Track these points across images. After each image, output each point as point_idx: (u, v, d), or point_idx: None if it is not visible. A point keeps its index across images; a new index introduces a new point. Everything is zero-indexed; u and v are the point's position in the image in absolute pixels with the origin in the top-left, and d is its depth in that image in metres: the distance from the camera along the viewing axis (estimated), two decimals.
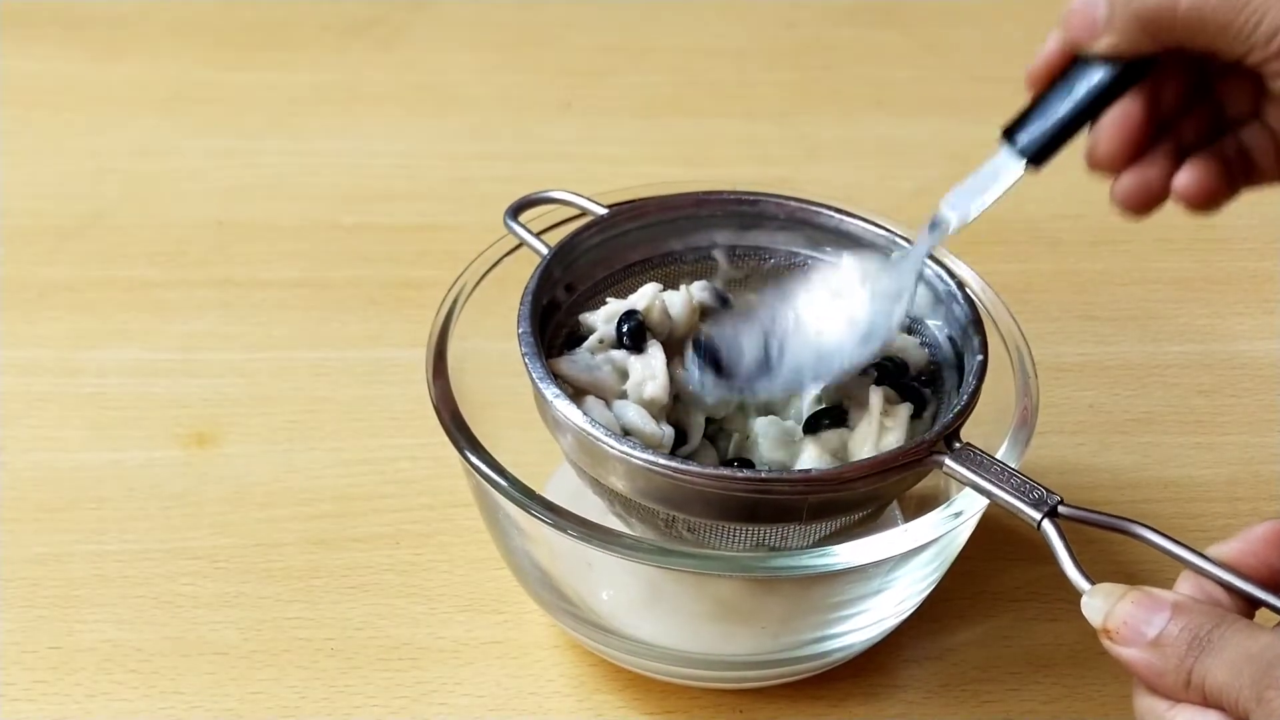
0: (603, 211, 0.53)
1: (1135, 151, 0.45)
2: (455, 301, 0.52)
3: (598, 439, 0.45)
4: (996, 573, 0.56)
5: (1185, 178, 0.45)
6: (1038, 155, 0.45)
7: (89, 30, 0.89)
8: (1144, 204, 0.45)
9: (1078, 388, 0.65)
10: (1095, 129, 0.45)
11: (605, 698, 0.52)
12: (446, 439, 0.48)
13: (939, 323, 0.51)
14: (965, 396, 0.46)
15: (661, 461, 0.44)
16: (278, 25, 0.90)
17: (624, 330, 0.49)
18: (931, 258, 0.50)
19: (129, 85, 0.84)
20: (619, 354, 0.49)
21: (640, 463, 0.44)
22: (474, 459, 0.47)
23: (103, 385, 0.64)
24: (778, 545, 0.47)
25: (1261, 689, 0.35)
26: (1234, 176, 0.46)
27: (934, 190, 0.51)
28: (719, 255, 0.54)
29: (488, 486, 0.46)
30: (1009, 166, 0.46)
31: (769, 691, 0.52)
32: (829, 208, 0.53)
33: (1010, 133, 0.46)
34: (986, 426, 0.48)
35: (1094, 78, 0.44)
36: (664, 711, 0.51)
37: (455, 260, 0.54)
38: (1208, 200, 0.45)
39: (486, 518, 0.51)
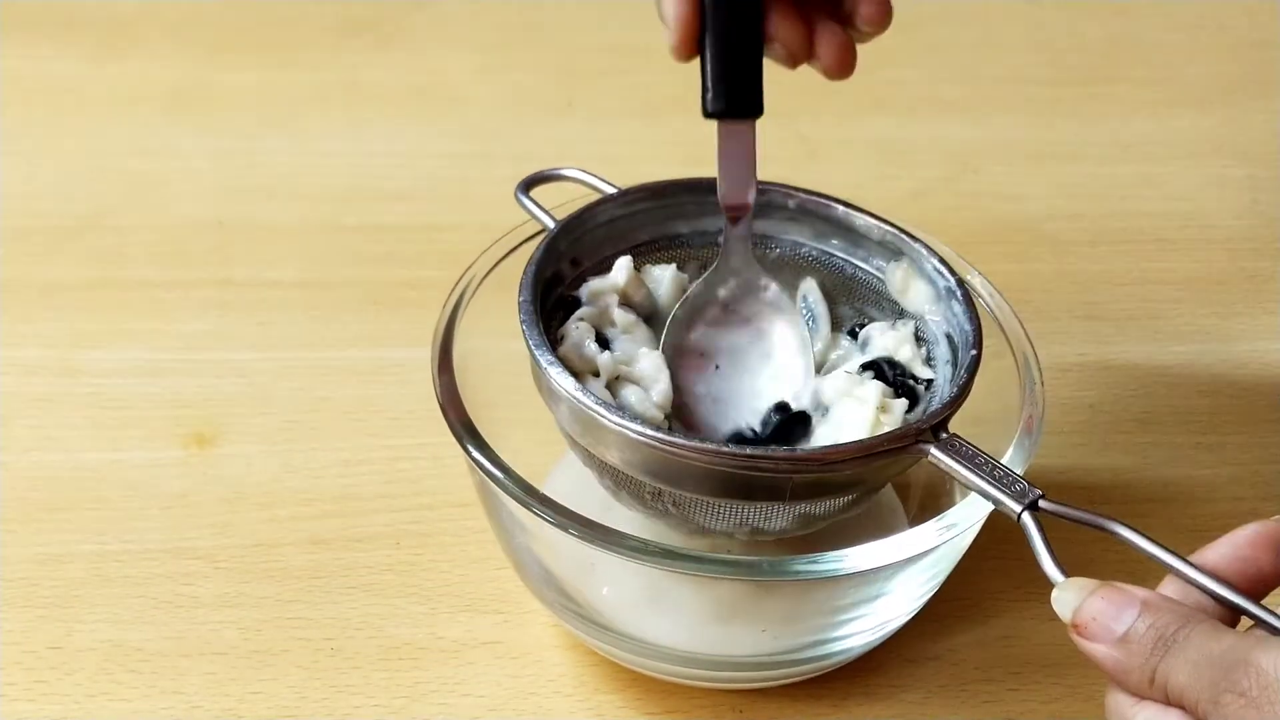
0: (612, 191, 0.53)
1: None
2: (461, 296, 0.52)
3: (589, 408, 0.45)
4: (996, 573, 0.56)
5: (826, 54, 0.47)
6: (749, 106, 0.46)
7: (89, 30, 0.89)
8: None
9: (1078, 388, 0.65)
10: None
11: (606, 697, 0.52)
12: (447, 439, 0.48)
13: (938, 319, 0.51)
14: (955, 389, 0.47)
15: (649, 432, 0.44)
16: (278, 25, 0.90)
17: None
18: (933, 253, 0.51)
19: (129, 85, 0.84)
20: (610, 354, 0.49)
21: (629, 433, 0.44)
22: (478, 455, 0.47)
23: (103, 385, 0.64)
24: (762, 525, 0.47)
25: (1218, 692, 0.35)
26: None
27: (934, 190, 0.51)
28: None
29: (491, 484, 0.46)
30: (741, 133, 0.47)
31: (769, 691, 0.52)
32: (838, 201, 0.53)
33: (716, 107, 0.46)
34: (989, 426, 0.48)
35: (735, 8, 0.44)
36: (664, 711, 0.51)
37: (455, 260, 0.54)
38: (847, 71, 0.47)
39: (489, 515, 0.51)
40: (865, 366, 0.50)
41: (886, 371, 0.50)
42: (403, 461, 0.60)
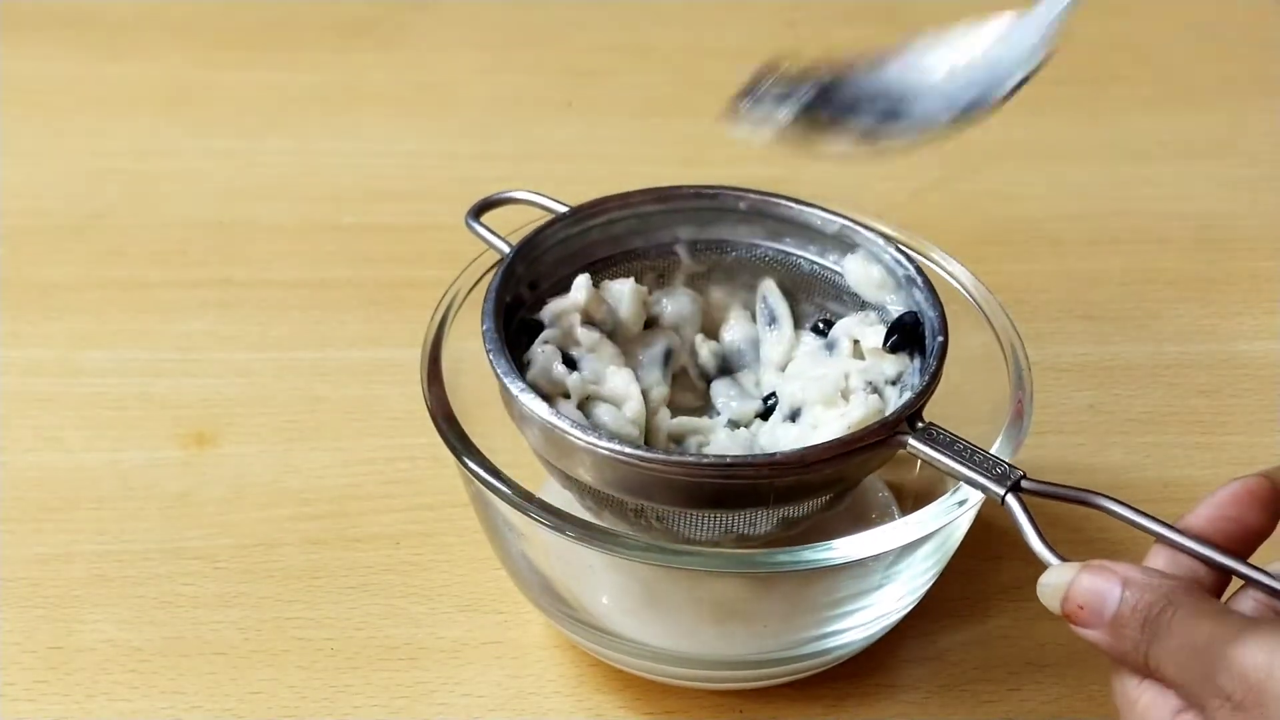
0: (563, 210, 0.53)
1: None
2: (448, 309, 0.52)
3: (563, 430, 0.45)
4: (995, 572, 0.56)
5: None
6: None
7: (89, 30, 0.89)
8: None
9: (1077, 388, 0.65)
10: None
11: (605, 698, 0.52)
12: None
13: (900, 308, 0.51)
14: (926, 377, 0.47)
15: (627, 450, 0.44)
16: (278, 25, 0.90)
17: None
18: (890, 242, 0.51)
19: (129, 85, 0.84)
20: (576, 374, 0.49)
21: (605, 452, 0.44)
22: (471, 464, 0.47)
23: (103, 385, 0.64)
24: (747, 532, 0.47)
25: (1205, 696, 0.35)
26: None
27: (934, 190, 0.51)
28: (681, 250, 0.54)
29: (486, 492, 0.46)
30: None
31: (769, 691, 0.52)
32: (785, 198, 0.53)
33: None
34: (984, 427, 0.48)
35: None
36: (664, 712, 0.51)
37: (455, 260, 0.54)
38: None
39: (484, 523, 0.51)
40: (891, 330, 0.50)
41: (922, 323, 0.49)
42: (403, 461, 0.60)
